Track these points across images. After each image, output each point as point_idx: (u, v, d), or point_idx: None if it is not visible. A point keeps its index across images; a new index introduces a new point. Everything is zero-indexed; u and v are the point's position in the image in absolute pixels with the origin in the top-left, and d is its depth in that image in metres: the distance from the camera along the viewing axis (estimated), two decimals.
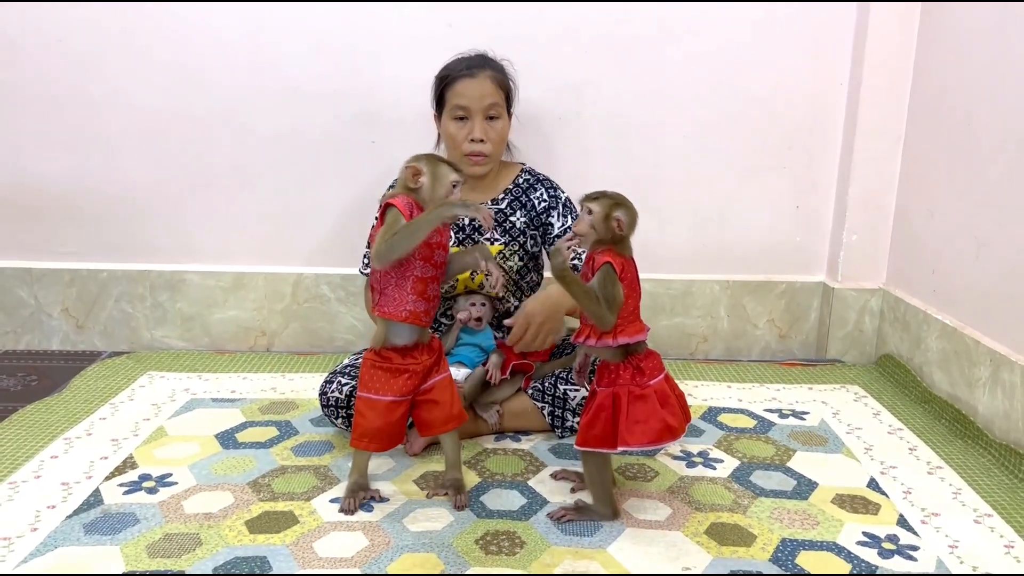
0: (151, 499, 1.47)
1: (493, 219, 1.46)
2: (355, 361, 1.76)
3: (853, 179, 2.23)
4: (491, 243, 1.86)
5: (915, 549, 1.35)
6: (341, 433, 1.74)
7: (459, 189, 1.41)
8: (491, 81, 1.80)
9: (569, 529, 1.38)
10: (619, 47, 2.19)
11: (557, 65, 2.18)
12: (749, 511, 1.46)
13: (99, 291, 2.30)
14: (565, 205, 1.90)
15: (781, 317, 2.36)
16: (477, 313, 1.76)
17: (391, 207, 1.36)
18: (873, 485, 1.57)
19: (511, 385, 1.76)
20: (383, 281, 1.40)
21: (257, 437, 1.75)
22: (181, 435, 1.75)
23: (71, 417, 1.82)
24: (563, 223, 1.87)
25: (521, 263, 1.88)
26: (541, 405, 1.74)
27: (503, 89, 1.83)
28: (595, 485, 1.43)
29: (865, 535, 1.38)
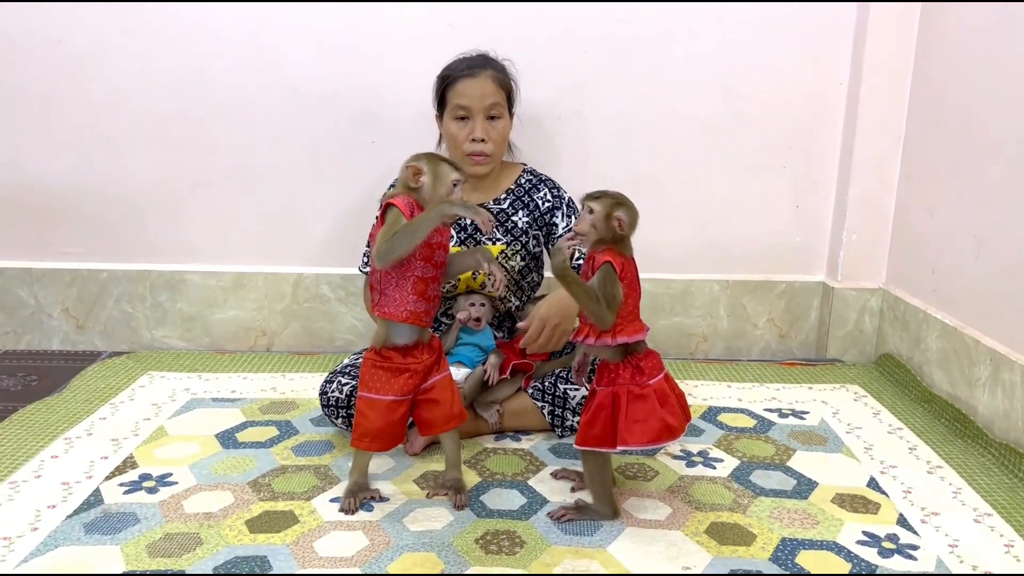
0: (151, 499, 1.47)
1: (493, 222, 1.45)
2: (355, 361, 1.76)
3: (853, 179, 2.23)
4: (493, 243, 1.86)
5: (915, 548, 1.35)
6: (341, 433, 1.74)
7: (460, 188, 1.41)
8: (492, 81, 1.80)
9: (569, 528, 1.39)
10: (619, 47, 2.19)
11: (557, 65, 2.18)
12: (749, 510, 1.46)
13: (99, 291, 2.30)
14: (568, 205, 1.90)
15: (781, 317, 2.36)
16: (476, 313, 1.76)
17: (392, 207, 1.36)
18: (873, 484, 1.57)
19: (511, 384, 1.76)
20: (383, 281, 1.39)
21: (257, 437, 1.75)
22: (181, 435, 1.75)
23: (71, 417, 1.82)
24: (567, 223, 1.87)
25: (523, 263, 1.88)
26: (541, 404, 1.75)
27: (504, 89, 1.83)
28: (595, 484, 1.43)
29: (865, 534, 1.38)
